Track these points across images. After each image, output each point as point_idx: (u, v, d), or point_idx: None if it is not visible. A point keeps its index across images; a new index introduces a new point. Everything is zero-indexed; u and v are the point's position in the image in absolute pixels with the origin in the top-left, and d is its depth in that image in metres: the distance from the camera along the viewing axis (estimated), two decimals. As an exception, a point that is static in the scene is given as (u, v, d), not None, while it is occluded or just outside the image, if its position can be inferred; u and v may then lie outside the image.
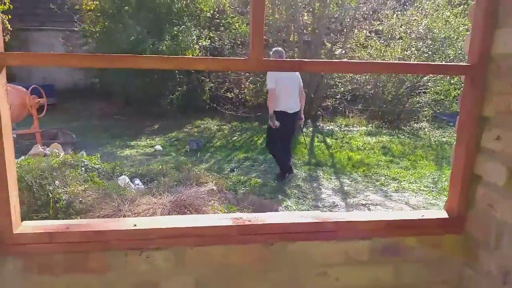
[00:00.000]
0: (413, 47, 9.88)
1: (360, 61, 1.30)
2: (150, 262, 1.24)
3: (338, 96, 10.04)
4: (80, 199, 2.93)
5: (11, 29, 7.49)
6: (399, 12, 10.34)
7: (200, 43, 9.95)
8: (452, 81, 9.18)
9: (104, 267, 1.23)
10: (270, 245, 1.29)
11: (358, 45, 10.46)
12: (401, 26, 10.07)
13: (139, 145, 7.44)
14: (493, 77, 1.26)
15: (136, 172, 4.46)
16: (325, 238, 1.32)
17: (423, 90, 9.99)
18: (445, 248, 1.38)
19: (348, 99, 10.14)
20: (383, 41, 10.41)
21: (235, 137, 8.28)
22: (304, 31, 10.36)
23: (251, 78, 10.06)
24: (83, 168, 3.68)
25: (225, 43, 10.42)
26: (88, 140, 7.47)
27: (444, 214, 1.41)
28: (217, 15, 10.81)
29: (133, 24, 9.00)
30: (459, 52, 9.04)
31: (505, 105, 1.21)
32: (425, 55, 9.55)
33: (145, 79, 9.27)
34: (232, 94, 10.15)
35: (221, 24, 10.65)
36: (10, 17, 7.19)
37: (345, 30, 10.38)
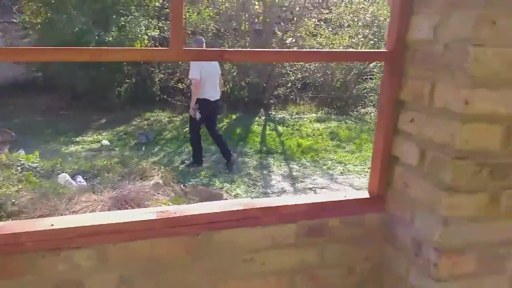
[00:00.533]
0: (360, 35, 10.16)
1: (283, 50, 1.30)
2: (70, 262, 1.20)
3: (289, 85, 10.15)
4: (13, 200, 2.77)
5: None
6: (347, 1, 10.56)
7: (149, 34, 9.68)
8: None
9: (20, 271, 1.17)
10: (196, 235, 1.29)
11: (308, 33, 10.60)
12: (348, 14, 10.31)
13: (85, 141, 7.15)
14: (409, 62, 1.31)
15: (79, 169, 4.29)
16: (251, 225, 1.33)
17: (369, 76, 10.32)
18: (367, 226, 1.43)
19: (299, 87, 10.28)
20: (331, 30, 10.61)
21: (187, 129, 8.16)
22: (256, 20, 10.34)
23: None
24: (18, 168, 3.48)
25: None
26: (30, 137, 7.07)
27: (366, 194, 1.46)
28: (166, 4, 10.53)
29: (77, 15, 8.58)
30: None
31: (419, 90, 1.26)
32: (371, 42, 9.85)
33: (92, 72, 8.89)
34: (183, 84, 9.96)
35: (170, 14, 10.37)
36: None
37: (295, 19, 10.47)
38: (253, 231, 1.34)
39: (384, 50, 1.34)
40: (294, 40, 10.26)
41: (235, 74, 9.56)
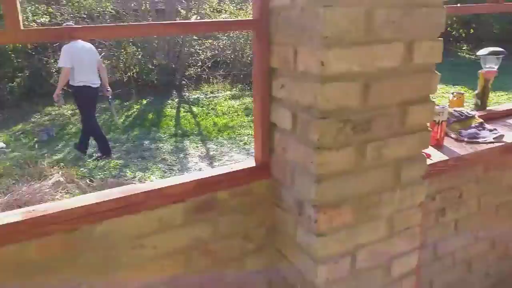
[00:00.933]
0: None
1: (136, 24, 1.23)
2: None
3: (199, 64, 9.98)
4: None
5: None
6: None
7: (37, 20, 8.80)
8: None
9: None
10: (74, 231, 1.21)
11: (213, 10, 10.44)
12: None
13: (-25, 146, 6.39)
14: (274, 29, 1.32)
15: (-34, 177, 3.82)
16: (136, 210, 1.28)
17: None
18: (256, 194, 1.46)
19: (210, 66, 10.17)
20: (235, 5, 10.56)
21: (94, 120, 7.69)
22: (156, -1, 9.92)
23: (103, 54, 9.33)
24: None
25: (68, 18, 9.39)
26: None
27: (252, 163, 1.48)
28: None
29: None
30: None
31: (285, 55, 1.28)
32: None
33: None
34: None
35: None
36: None
37: (197, -4, 10.23)
38: (139, 217, 1.29)
39: (250, 19, 1.34)
40: (199, 18, 10.05)
41: (140, 57, 9.14)
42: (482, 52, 2.03)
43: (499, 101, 7.68)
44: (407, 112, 1.29)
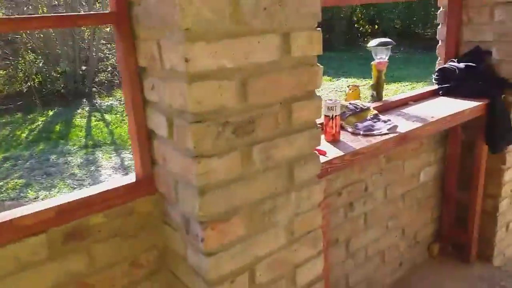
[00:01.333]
0: None
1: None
2: None
3: (110, 69, 9.40)
4: None
5: None
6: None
7: None
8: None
9: None
10: None
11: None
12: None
13: None
14: (135, 22, 1.15)
15: None
16: (-21, 251, 1.03)
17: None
18: (141, 213, 1.28)
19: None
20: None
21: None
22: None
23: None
24: None
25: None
26: None
27: (132, 178, 1.30)
28: None
29: None
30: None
31: (150, 52, 1.12)
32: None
33: None
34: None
35: None
36: None
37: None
38: (-15, 258, 1.05)
39: (106, 12, 1.15)
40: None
41: (41, 64, 8.36)
42: (372, 43, 2.04)
43: (405, 91, 8.21)
44: (291, 110, 1.19)
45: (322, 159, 1.43)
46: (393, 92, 8.10)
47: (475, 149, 2.28)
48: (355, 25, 16.52)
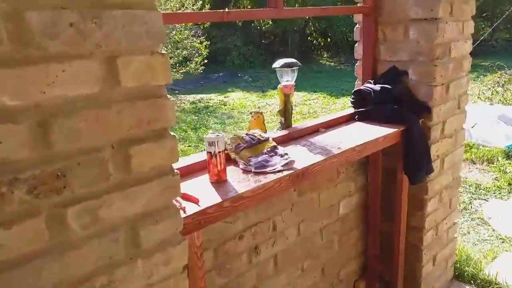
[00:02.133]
0: None
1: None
2: None
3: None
4: None
5: None
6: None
7: None
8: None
9: None
10: None
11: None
12: None
13: None
14: None
15: None
16: None
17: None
18: None
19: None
20: None
21: None
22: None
23: None
24: None
25: None
26: None
27: None
28: None
29: None
30: None
31: None
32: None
33: None
34: None
35: None
36: None
37: None
38: None
39: None
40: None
41: None
42: (276, 65, 1.82)
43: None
44: (129, 155, 0.93)
45: (193, 209, 1.17)
46: (341, 107, 8.09)
47: (397, 178, 2.11)
48: (308, 38, 16.73)
